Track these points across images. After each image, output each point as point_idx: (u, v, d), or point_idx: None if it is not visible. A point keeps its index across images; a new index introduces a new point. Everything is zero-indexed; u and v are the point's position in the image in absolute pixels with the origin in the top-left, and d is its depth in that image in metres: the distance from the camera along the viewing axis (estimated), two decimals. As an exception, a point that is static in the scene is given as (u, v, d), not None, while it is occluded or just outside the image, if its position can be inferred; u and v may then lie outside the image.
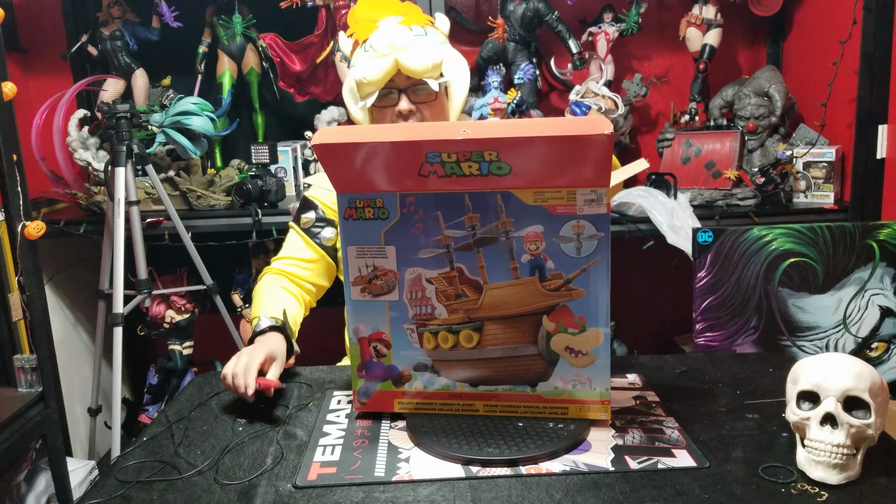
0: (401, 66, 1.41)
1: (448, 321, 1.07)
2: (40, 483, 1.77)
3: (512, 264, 1.03)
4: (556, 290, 1.03)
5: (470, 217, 1.02)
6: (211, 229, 2.32)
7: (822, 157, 2.21)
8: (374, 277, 1.08)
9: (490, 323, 1.06)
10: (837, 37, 2.07)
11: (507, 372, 1.08)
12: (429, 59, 1.42)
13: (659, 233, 2.11)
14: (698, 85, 2.51)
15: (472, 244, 1.03)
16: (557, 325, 1.04)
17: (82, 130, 2.44)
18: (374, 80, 1.42)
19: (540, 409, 1.09)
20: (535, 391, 1.08)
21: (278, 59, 2.47)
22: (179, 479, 0.99)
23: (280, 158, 2.45)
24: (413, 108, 1.44)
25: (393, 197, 1.03)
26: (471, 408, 1.11)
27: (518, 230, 1.02)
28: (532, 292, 1.04)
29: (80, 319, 2.62)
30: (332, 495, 0.93)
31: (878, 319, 1.77)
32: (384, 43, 1.41)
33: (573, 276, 1.02)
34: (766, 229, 1.75)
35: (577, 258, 1.02)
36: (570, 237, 1.01)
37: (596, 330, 1.03)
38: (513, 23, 2.40)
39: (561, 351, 1.05)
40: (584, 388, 1.06)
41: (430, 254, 1.05)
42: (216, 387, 1.30)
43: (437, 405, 1.12)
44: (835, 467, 0.90)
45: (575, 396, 1.07)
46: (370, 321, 1.09)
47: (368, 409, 1.14)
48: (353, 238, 1.07)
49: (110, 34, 2.45)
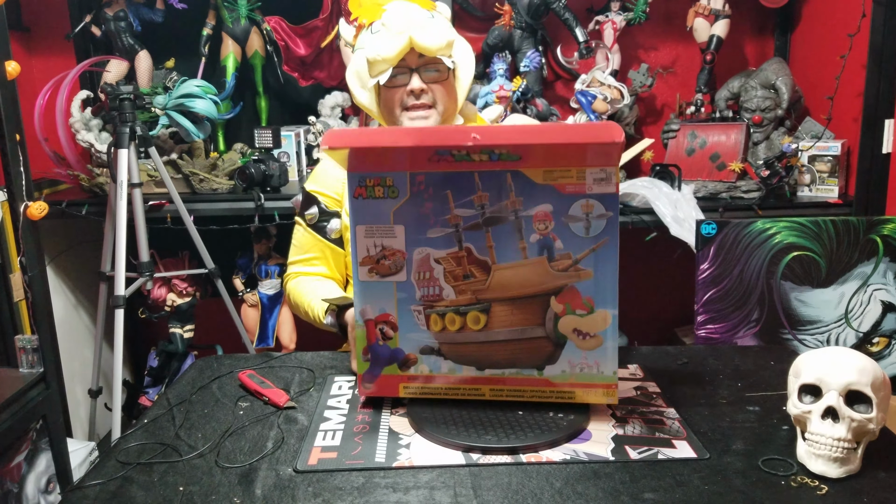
0: (415, 44, 1.39)
1: (455, 302, 1.06)
2: (41, 463, 1.77)
3: (521, 244, 1.02)
4: (565, 271, 1.01)
5: (479, 196, 1.01)
6: (213, 213, 2.31)
7: (828, 150, 2.20)
8: (382, 258, 1.06)
9: (498, 304, 1.05)
10: (846, 30, 2.05)
11: (514, 355, 1.06)
12: (443, 38, 1.41)
13: (662, 224, 2.11)
14: (705, 76, 2.49)
15: (482, 224, 1.02)
16: (565, 307, 1.03)
17: (85, 111, 2.43)
18: (388, 58, 1.40)
19: (546, 393, 1.07)
20: (542, 375, 1.06)
21: (283, 43, 2.46)
22: (180, 461, 0.99)
23: (283, 143, 2.44)
24: (425, 86, 1.43)
25: (403, 176, 1.02)
26: (477, 392, 1.09)
27: (527, 209, 1.00)
28: (540, 273, 1.02)
29: (82, 301, 2.62)
30: (333, 480, 0.93)
31: (879, 314, 1.77)
32: (398, 21, 1.40)
33: (581, 256, 1.01)
34: (769, 222, 1.75)
35: (585, 238, 1.01)
36: (579, 217, 1.00)
37: (604, 312, 1.02)
38: (519, 10, 2.38)
39: (569, 333, 1.04)
40: (591, 372, 1.05)
41: (439, 233, 1.03)
42: (217, 370, 1.30)
43: (443, 390, 1.10)
44: (835, 461, 0.90)
45: (582, 381, 1.06)
46: (377, 303, 1.08)
47: (374, 394, 1.13)
48: (363, 217, 1.05)
49: (114, 15, 2.43)
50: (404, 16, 1.40)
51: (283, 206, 2.26)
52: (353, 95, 1.54)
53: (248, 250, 2.55)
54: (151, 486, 0.93)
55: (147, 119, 2.27)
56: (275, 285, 2.49)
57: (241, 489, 0.92)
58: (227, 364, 1.34)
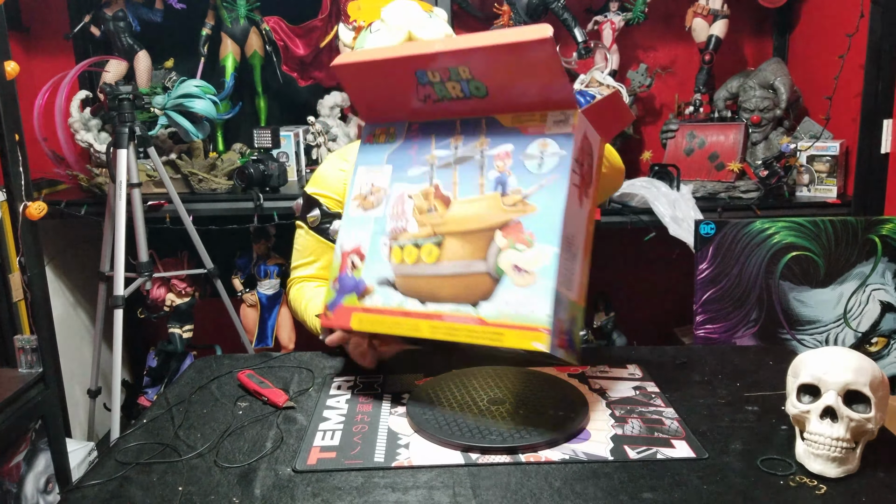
0: (414, 38, 1.42)
1: (416, 236, 1.08)
2: (39, 463, 1.77)
3: (480, 180, 1.05)
4: (513, 206, 1.02)
5: (455, 138, 1.09)
6: (212, 213, 2.31)
7: (826, 150, 2.21)
8: (369, 193, 1.14)
9: (451, 238, 1.05)
10: (844, 30, 2.06)
11: (456, 290, 1.03)
12: (441, 33, 1.45)
13: (661, 224, 2.11)
14: (703, 76, 2.50)
15: (452, 162, 1.08)
16: (509, 242, 1.01)
17: (84, 111, 2.43)
18: None
19: (478, 333, 1.00)
20: (477, 313, 1.02)
21: (282, 43, 2.46)
22: (179, 461, 0.99)
23: (282, 143, 2.44)
24: None
25: (402, 125, 1.14)
26: (416, 328, 1.06)
27: (492, 149, 1.05)
28: (492, 207, 1.03)
29: (81, 301, 2.62)
30: (332, 480, 0.93)
31: (878, 314, 1.77)
32: (397, 16, 1.43)
33: (530, 191, 1.01)
34: (768, 222, 1.75)
35: (537, 174, 1.01)
36: (534, 155, 1.03)
37: (544, 247, 0.98)
38: (518, 10, 2.38)
39: (507, 269, 1.00)
40: (522, 312, 0.97)
41: (417, 171, 1.10)
42: (216, 370, 1.30)
43: (388, 323, 1.08)
44: (834, 461, 0.91)
45: (513, 322, 0.98)
46: (355, 236, 1.13)
47: (331, 325, 1.15)
48: (364, 160, 1.16)
49: (113, 15, 2.43)
50: (403, 13, 1.44)
51: (282, 206, 2.26)
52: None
53: (247, 250, 2.55)
54: (150, 486, 0.93)
55: (146, 119, 2.27)
56: (274, 285, 2.49)
57: (240, 489, 0.92)
58: (226, 364, 1.34)
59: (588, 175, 1.05)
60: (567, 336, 1.00)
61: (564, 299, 0.99)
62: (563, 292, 0.98)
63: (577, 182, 1.01)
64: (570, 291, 1.00)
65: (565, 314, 0.99)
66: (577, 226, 1.02)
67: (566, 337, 1.00)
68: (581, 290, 1.04)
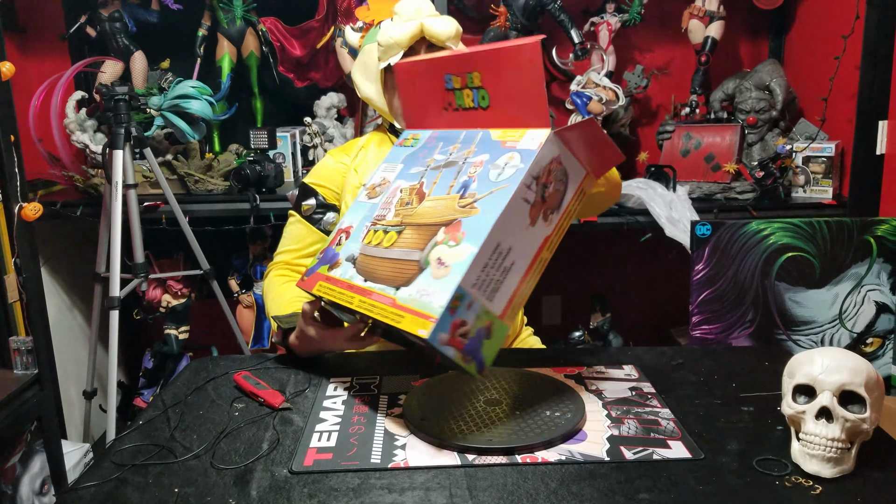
0: (426, 30, 1.47)
1: (388, 223, 1.15)
2: (35, 465, 1.77)
3: (452, 182, 1.11)
4: (463, 208, 1.06)
5: (455, 146, 1.18)
6: (208, 214, 2.31)
7: (822, 151, 2.21)
8: (378, 185, 1.25)
9: (410, 228, 1.10)
10: (840, 31, 2.06)
11: (390, 272, 1.08)
12: (452, 26, 1.49)
13: (657, 225, 2.11)
14: (699, 77, 2.50)
15: (441, 165, 1.17)
16: (445, 238, 1.04)
17: (80, 112, 2.42)
18: (400, 41, 1.47)
19: (386, 312, 1.04)
20: (394, 295, 1.05)
21: (278, 44, 2.46)
22: (175, 462, 0.99)
23: (279, 144, 2.44)
24: None
25: (427, 133, 1.28)
26: (350, 300, 1.11)
27: (474, 157, 1.13)
28: (448, 206, 1.07)
29: (76, 302, 2.61)
30: (328, 481, 0.93)
31: (873, 315, 1.77)
32: (410, 8, 1.48)
33: (481, 196, 1.04)
34: (764, 223, 1.75)
35: (493, 182, 1.05)
36: (499, 165, 1.07)
37: (467, 246, 1.00)
38: (515, 11, 2.39)
39: (433, 261, 1.03)
40: (424, 300, 1.00)
41: (416, 170, 1.20)
42: (212, 371, 1.30)
43: (335, 292, 1.15)
44: (829, 461, 0.91)
45: (415, 307, 1.00)
46: (351, 217, 1.24)
47: (303, 286, 1.23)
48: (389, 158, 1.30)
49: (109, 15, 2.43)
50: (416, 4, 1.49)
51: (278, 206, 2.26)
52: (357, 88, 1.60)
53: (243, 251, 2.55)
54: (146, 488, 0.93)
55: (142, 120, 2.27)
56: (270, 286, 2.48)
57: (236, 490, 0.92)
58: (222, 365, 1.33)
59: (554, 200, 1.05)
60: (469, 342, 0.98)
61: (475, 304, 0.98)
62: (475, 295, 0.98)
63: (532, 199, 1.02)
64: (488, 300, 1.00)
65: (472, 318, 0.98)
66: (520, 242, 1.02)
67: (466, 341, 0.98)
68: (510, 309, 1.02)
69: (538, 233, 1.04)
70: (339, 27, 2.39)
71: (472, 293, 0.98)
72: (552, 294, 2.89)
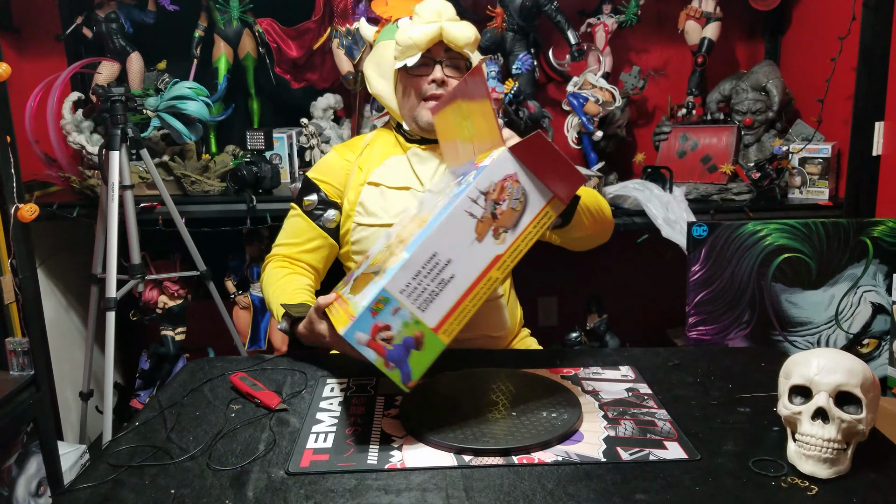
0: (445, 34, 1.45)
1: (389, 244, 1.18)
2: (31, 467, 1.76)
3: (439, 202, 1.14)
4: (422, 221, 1.08)
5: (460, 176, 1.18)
6: (205, 215, 2.31)
7: (818, 153, 2.22)
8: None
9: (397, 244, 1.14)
10: (836, 33, 2.07)
11: (361, 283, 1.10)
12: (471, 33, 1.48)
13: (653, 226, 2.11)
14: (696, 78, 2.51)
15: (444, 188, 1.21)
16: (400, 248, 1.06)
17: (76, 113, 2.42)
18: (418, 43, 1.45)
19: (333, 310, 1.12)
20: (346, 297, 1.11)
21: (275, 45, 2.46)
22: (171, 463, 0.99)
23: (275, 145, 2.44)
24: (446, 78, 1.49)
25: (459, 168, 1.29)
26: (329, 310, 1.16)
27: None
28: (419, 222, 1.11)
29: (73, 303, 2.61)
30: (325, 482, 0.93)
31: (869, 316, 1.78)
32: (430, 11, 1.46)
33: (435, 209, 1.07)
34: (760, 224, 1.76)
35: (449, 196, 1.08)
36: (461, 182, 1.10)
37: (403, 254, 1.01)
38: (511, 12, 2.39)
39: (380, 266, 1.07)
40: (356, 300, 1.04)
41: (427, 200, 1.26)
42: (209, 372, 1.30)
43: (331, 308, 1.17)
44: (825, 462, 0.91)
45: (348, 307, 1.04)
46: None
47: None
48: (432, 188, 1.39)
49: (105, 16, 2.42)
50: (437, 6, 1.47)
51: (274, 207, 2.26)
52: (368, 82, 1.60)
53: (239, 252, 2.54)
54: (143, 489, 0.93)
55: (138, 121, 2.27)
56: (267, 287, 2.48)
57: (232, 492, 0.92)
58: (218, 366, 1.33)
59: (508, 219, 1.02)
60: (394, 349, 0.98)
61: (403, 310, 0.98)
62: (403, 302, 0.98)
63: (479, 214, 1.01)
64: (419, 310, 0.99)
65: (398, 325, 0.98)
66: (462, 256, 1.00)
67: (391, 347, 0.98)
68: (447, 323, 1.00)
69: (487, 250, 1.01)
70: (336, 28, 2.39)
71: (398, 298, 0.97)
72: (548, 295, 2.89)
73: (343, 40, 2.38)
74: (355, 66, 2.40)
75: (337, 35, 2.39)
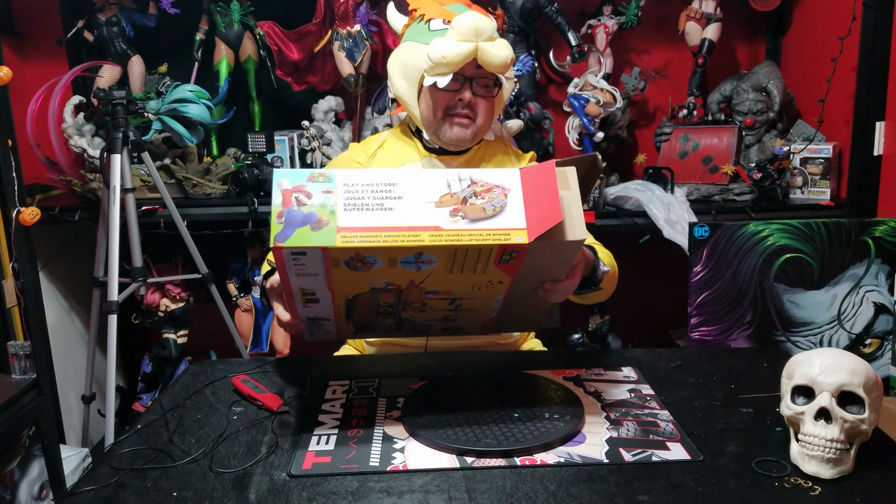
0: (481, 56, 1.35)
1: None
2: (34, 470, 1.76)
3: None
4: None
5: None
6: (206, 218, 2.31)
7: (819, 153, 2.21)
8: None
9: None
10: (837, 33, 2.07)
11: None
12: (507, 56, 1.38)
13: (655, 227, 2.11)
14: (697, 79, 2.51)
15: None
16: None
17: (78, 117, 2.42)
18: (453, 62, 1.35)
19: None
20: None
21: (276, 48, 2.46)
22: (173, 466, 0.99)
23: (276, 148, 2.44)
24: (474, 99, 1.42)
25: None
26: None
27: None
28: None
29: (75, 307, 2.61)
30: (327, 484, 0.93)
31: (872, 316, 1.77)
32: (469, 28, 1.35)
33: None
34: (762, 225, 1.76)
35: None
36: None
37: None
38: (512, 14, 2.39)
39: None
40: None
41: None
42: (211, 375, 1.30)
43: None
44: (828, 462, 0.91)
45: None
46: None
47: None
48: None
49: (107, 20, 2.43)
50: (475, 24, 1.35)
51: (276, 210, 2.25)
52: (390, 81, 1.51)
53: (241, 255, 2.54)
54: (145, 492, 0.93)
55: (140, 124, 2.27)
56: (269, 290, 2.48)
57: (234, 494, 0.92)
58: (220, 369, 1.33)
59: (473, 211, 1.00)
60: (297, 210, 1.04)
61: (331, 196, 1.02)
62: (338, 191, 1.02)
63: (453, 190, 1.01)
64: (343, 207, 1.01)
65: (317, 200, 1.03)
66: (412, 204, 1.00)
67: (295, 208, 1.04)
68: (352, 234, 0.98)
69: (435, 215, 0.99)
70: (337, 31, 2.39)
71: (337, 185, 1.02)
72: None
73: (344, 43, 2.38)
74: (356, 68, 2.40)
75: (338, 38, 2.39)
